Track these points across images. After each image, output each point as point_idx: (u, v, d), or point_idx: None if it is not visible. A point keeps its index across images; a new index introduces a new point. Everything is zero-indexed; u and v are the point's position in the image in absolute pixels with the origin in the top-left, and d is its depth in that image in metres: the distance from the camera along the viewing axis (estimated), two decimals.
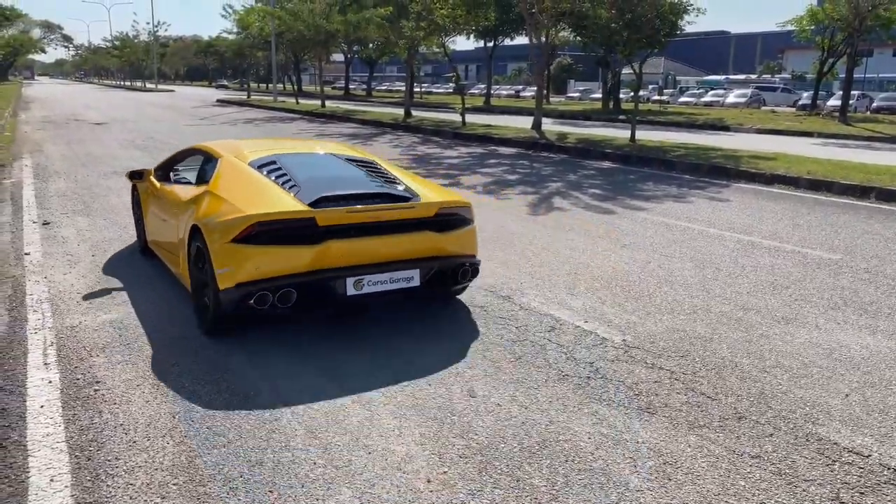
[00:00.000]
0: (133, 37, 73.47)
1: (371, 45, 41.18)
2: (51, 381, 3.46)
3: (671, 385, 3.53)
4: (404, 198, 4.29)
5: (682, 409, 3.28)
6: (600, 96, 38.97)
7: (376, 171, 4.80)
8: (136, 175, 5.85)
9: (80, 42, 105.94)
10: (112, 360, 3.74)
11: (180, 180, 5.40)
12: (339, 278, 3.87)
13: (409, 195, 4.35)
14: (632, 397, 3.39)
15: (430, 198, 4.37)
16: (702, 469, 2.77)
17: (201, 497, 2.56)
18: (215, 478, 2.67)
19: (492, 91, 43.63)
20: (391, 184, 4.52)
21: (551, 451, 2.89)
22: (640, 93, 22.91)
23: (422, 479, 2.68)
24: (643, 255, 6.13)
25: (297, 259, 3.81)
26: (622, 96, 34.97)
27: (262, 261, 3.77)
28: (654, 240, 6.73)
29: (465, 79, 64.50)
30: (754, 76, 55.63)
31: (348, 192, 4.17)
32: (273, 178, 4.30)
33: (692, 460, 2.83)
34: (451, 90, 58.95)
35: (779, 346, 4.04)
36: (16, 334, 4.07)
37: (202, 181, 4.72)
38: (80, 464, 2.75)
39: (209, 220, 3.99)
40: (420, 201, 4.27)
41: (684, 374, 3.66)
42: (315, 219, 3.87)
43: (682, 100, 43.84)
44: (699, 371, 3.70)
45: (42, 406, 3.21)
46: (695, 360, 3.83)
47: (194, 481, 2.65)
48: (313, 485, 2.64)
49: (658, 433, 3.05)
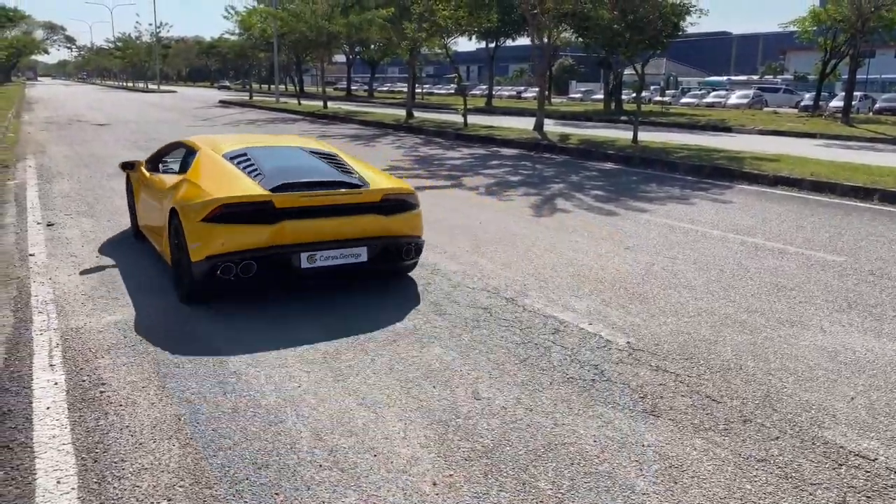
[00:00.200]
0: (135, 38, 73.65)
1: (373, 47, 41.21)
2: (56, 383, 3.47)
3: (676, 388, 3.53)
4: (356, 185, 4.87)
5: (688, 411, 3.28)
6: (602, 97, 38.97)
7: (335, 162, 5.33)
8: (129, 166, 6.52)
9: (82, 43, 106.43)
10: (117, 361, 3.75)
11: (167, 170, 5.95)
12: (294, 253, 4.45)
13: (361, 183, 4.93)
14: (637, 400, 3.39)
15: (378, 185, 4.95)
16: (708, 472, 2.77)
17: (207, 500, 2.56)
18: (221, 480, 2.68)
19: (493, 92, 43.63)
20: (346, 173, 5.09)
21: (557, 454, 2.89)
22: (642, 94, 22.90)
23: (427, 482, 2.68)
24: (646, 256, 6.13)
25: (257, 236, 4.41)
26: (624, 97, 34.95)
27: (227, 237, 4.37)
28: (658, 242, 6.73)
29: (467, 79, 64.51)
30: (756, 77, 55.59)
31: (306, 180, 4.76)
32: (242, 168, 4.92)
33: (698, 463, 2.83)
34: (453, 91, 58.96)
35: (784, 349, 4.03)
36: (21, 336, 4.08)
37: (183, 170, 5.30)
38: (86, 466, 2.76)
39: (184, 203, 4.60)
40: (368, 188, 4.87)
41: (689, 376, 3.66)
42: (273, 202, 4.47)
43: (684, 101, 43.84)
44: (704, 374, 3.70)
45: (48, 408, 3.21)
46: (699, 363, 3.83)
47: (200, 483, 2.65)
48: (319, 487, 2.64)
49: (663, 436, 3.05)
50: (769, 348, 4.05)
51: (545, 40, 19.80)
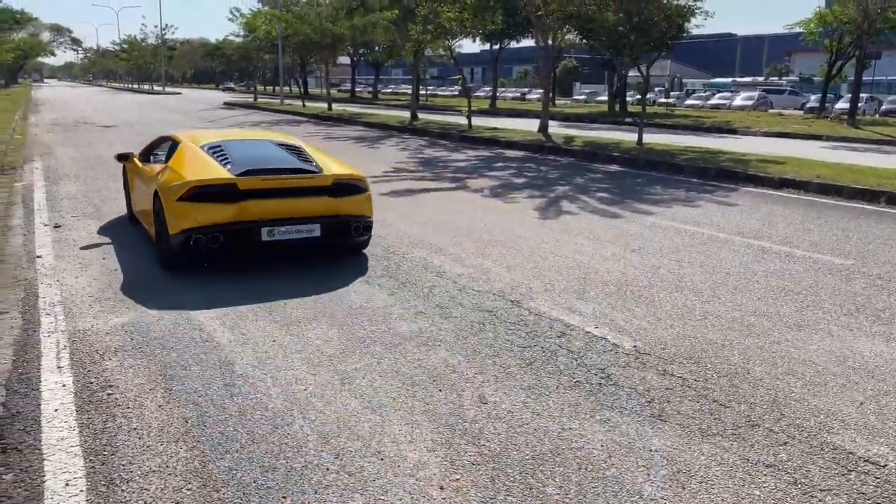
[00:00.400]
0: (141, 40, 73.87)
1: (377, 49, 41.26)
2: (64, 385, 3.48)
3: (683, 392, 3.52)
4: (312, 171, 5.66)
5: (695, 416, 3.27)
6: (606, 99, 38.93)
7: (297, 152, 6.15)
8: (123, 157, 7.33)
9: (88, 45, 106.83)
10: (124, 364, 3.76)
11: (157, 161, 6.59)
12: (256, 228, 5.24)
13: (316, 170, 5.72)
14: (644, 404, 3.38)
15: (331, 171, 5.73)
16: (716, 478, 2.76)
17: (215, 503, 2.56)
18: (229, 483, 2.68)
19: (497, 93, 43.63)
20: (305, 161, 5.90)
21: (564, 459, 2.88)
22: (646, 96, 22.87)
23: (434, 486, 2.68)
24: (652, 259, 6.12)
25: (223, 213, 5.18)
26: (628, 99, 34.91)
27: (198, 213, 5.16)
28: (663, 244, 6.71)
29: (471, 81, 64.53)
30: (761, 79, 55.44)
31: (268, 167, 5.59)
32: (215, 157, 5.72)
33: (706, 469, 2.82)
34: (457, 93, 59.00)
35: (791, 353, 4.02)
36: (29, 337, 4.09)
37: (167, 160, 6.06)
38: (94, 468, 2.76)
39: (164, 186, 5.42)
40: (321, 173, 5.64)
41: (696, 380, 3.65)
42: (237, 184, 5.27)
43: (689, 102, 43.76)
44: (711, 378, 3.68)
45: (56, 410, 3.22)
46: (706, 367, 3.82)
47: (208, 486, 2.66)
48: (326, 491, 2.64)
49: (671, 441, 3.04)
50: (777, 352, 4.03)
51: (549, 42, 19.80)
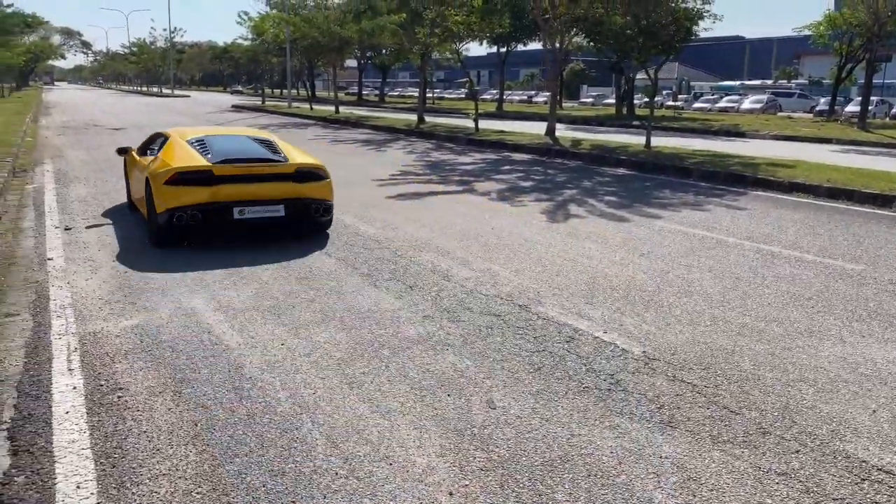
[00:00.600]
0: (150, 43, 74.42)
1: (384, 52, 41.37)
2: (75, 387, 3.50)
3: (693, 398, 3.50)
4: (278, 161, 6.63)
5: (706, 423, 3.25)
6: (613, 102, 38.86)
7: (268, 145, 7.10)
8: (123, 151, 8.43)
9: (98, 48, 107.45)
10: (134, 366, 3.77)
11: (152, 154, 7.33)
12: (229, 208, 6.21)
13: (282, 159, 6.68)
14: (654, 411, 3.36)
15: (294, 161, 6.70)
16: (727, 486, 2.74)
17: None
18: (238, 487, 2.68)
19: (504, 96, 43.63)
20: (274, 153, 6.85)
21: (573, 466, 2.87)
22: (654, 98, 22.80)
23: (444, 492, 2.67)
24: (661, 264, 6.09)
25: (201, 195, 6.16)
26: (636, 102, 34.83)
27: (180, 195, 6.13)
28: (672, 249, 6.69)
29: (478, 84, 64.56)
30: (770, 82, 55.21)
31: (241, 157, 6.55)
32: (197, 149, 6.70)
33: (717, 476, 2.80)
34: (464, 95, 59.02)
35: (802, 360, 3.99)
36: (41, 340, 4.12)
37: (158, 152, 7.03)
38: (105, 471, 2.77)
39: (153, 172, 6.41)
40: (286, 162, 6.61)
41: (706, 387, 3.63)
42: (212, 170, 6.25)
43: (697, 105, 43.61)
44: (721, 384, 3.66)
45: (67, 412, 3.24)
46: (716, 373, 3.79)
47: (217, 490, 2.66)
48: (335, 496, 2.64)
49: (681, 448, 3.02)
50: (787, 359, 4.00)
51: (557, 45, 19.79)
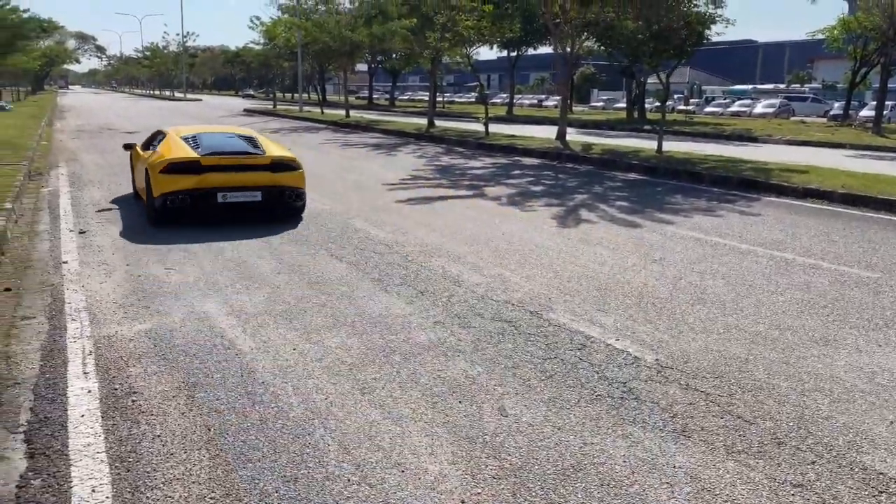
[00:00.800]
0: (163, 47, 75.21)
1: (395, 56, 41.53)
2: (90, 391, 3.53)
3: (707, 407, 3.47)
4: (257, 153, 7.86)
5: (719, 432, 3.22)
6: (624, 106, 38.76)
7: (250, 140, 8.36)
8: (129, 146, 9.83)
9: (112, 52, 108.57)
10: (148, 370, 3.80)
11: (153, 148, 8.41)
12: (213, 193, 7.34)
13: (260, 152, 7.89)
14: (667, 419, 3.34)
15: (271, 153, 7.88)
16: (742, 497, 2.71)
17: None
18: (251, 492, 2.69)
19: (514, 100, 43.62)
20: (254, 147, 8.07)
21: (586, 475, 2.85)
22: (666, 103, 22.70)
23: (456, 500, 2.67)
24: (673, 270, 6.06)
25: (190, 181, 7.32)
26: (646, 106, 34.73)
27: (172, 182, 7.31)
28: (685, 255, 6.65)
29: (488, 88, 64.61)
30: (783, 86, 54.83)
31: (225, 150, 7.80)
32: (189, 143, 7.91)
33: (731, 487, 2.78)
34: (474, 99, 59.09)
35: (818, 369, 3.95)
36: (56, 343, 4.15)
37: (157, 146, 8.23)
38: (119, 475, 2.79)
39: (151, 163, 7.62)
40: (263, 155, 7.82)
41: (720, 396, 3.60)
42: (199, 161, 7.43)
43: (708, 109, 43.42)
44: (735, 393, 3.63)
45: (82, 415, 3.27)
46: (730, 382, 3.76)
47: (231, 496, 2.67)
48: (348, 503, 2.64)
49: (695, 458, 3.00)
50: (802, 368, 3.96)
51: (567, 49, 19.77)
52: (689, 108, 43.13)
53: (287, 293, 5.23)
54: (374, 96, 57.61)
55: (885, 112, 27.71)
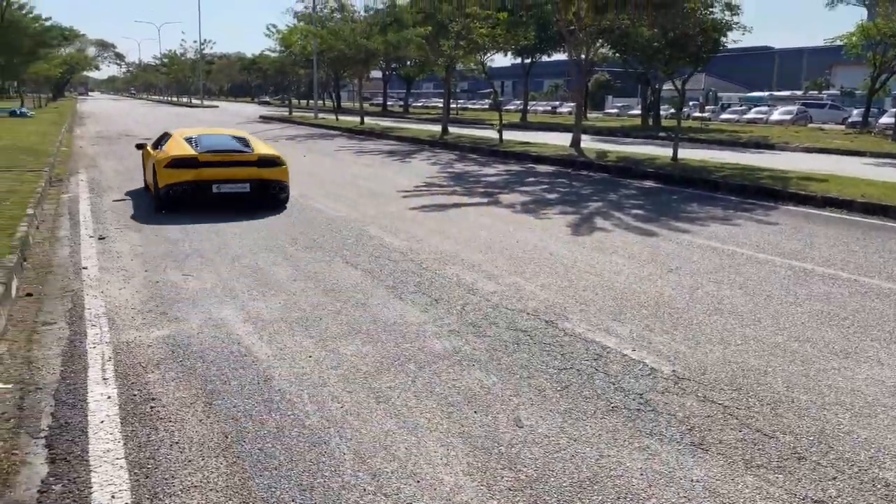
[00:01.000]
0: (181, 54, 76.13)
1: (410, 63, 41.73)
2: (109, 397, 3.57)
3: (725, 420, 3.44)
4: (246, 151, 9.31)
5: (738, 446, 3.19)
6: (639, 112, 38.59)
7: (242, 140, 9.87)
8: (140, 146, 11.31)
9: (131, 60, 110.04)
10: (166, 377, 3.84)
11: (160, 147, 9.81)
12: (209, 184, 8.76)
13: (250, 150, 9.33)
14: (684, 432, 3.31)
15: (258, 151, 9.31)
16: None
17: None
18: (268, 501, 2.70)
19: (528, 107, 43.60)
20: (245, 146, 9.55)
21: (602, 487, 2.83)
22: (682, 110, 22.56)
23: None
24: (690, 280, 6.01)
25: (189, 174, 8.73)
26: (662, 112, 34.56)
27: (174, 174, 8.73)
28: (701, 264, 6.60)
29: (502, 95, 64.65)
30: (800, 92, 54.30)
31: (220, 149, 9.27)
32: (189, 143, 9.37)
33: (750, 502, 2.74)
34: (488, 106, 59.13)
35: (838, 382, 3.89)
36: (76, 349, 4.21)
37: (163, 145, 9.79)
38: (139, 481, 2.82)
39: (158, 159, 9.06)
40: (251, 152, 9.25)
41: (738, 408, 3.56)
42: (197, 157, 8.85)
43: (724, 116, 43.07)
44: (754, 406, 3.59)
45: (102, 421, 3.30)
46: (749, 395, 3.72)
47: None
48: None
49: (713, 471, 2.97)
50: (822, 381, 3.91)
51: (582, 56, 19.75)
52: (705, 115, 42.88)
53: (303, 300, 5.26)
54: (388, 103, 57.89)
55: None
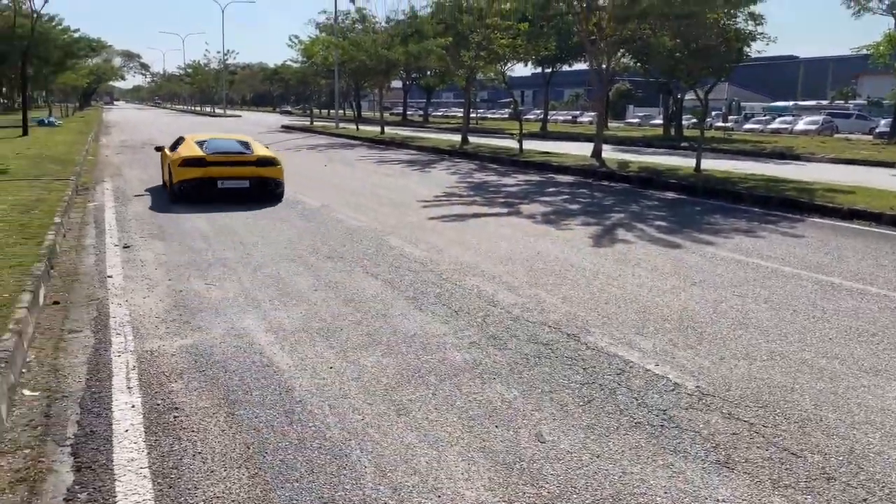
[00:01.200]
0: (204, 65, 77.42)
1: (430, 73, 41.98)
2: (133, 406, 3.61)
3: (751, 438, 3.37)
4: (247, 153, 10.99)
5: (764, 465, 3.12)
6: (661, 122, 38.30)
7: (245, 143, 11.58)
8: (159, 149, 13.04)
9: (156, 70, 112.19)
10: (189, 386, 3.87)
11: (175, 150, 11.59)
12: (214, 180, 10.41)
13: (250, 152, 11.03)
14: (709, 450, 3.25)
15: (257, 153, 11.00)
16: None
17: None
18: None
19: (548, 116, 43.55)
20: (247, 148, 11.26)
21: None
22: (704, 120, 22.33)
23: None
24: (714, 293, 5.93)
25: (198, 172, 10.41)
26: (684, 122, 34.29)
27: (186, 172, 10.44)
28: (725, 277, 6.50)
29: (522, 104, 64.68)
30: (826, 102, 53.51)
31: (225, 150, 11.03)
32: (199, 145, 11.08)
33: None
34: (507, 115, 59.20)
35: (868, 401, 3.80)
36: (101, 357, 4.27)
37: (178, 148, 11.50)
38: (162, 491, 2.84)
39: (172, 160, 10.80)
40: (252, 154, 10.95)
41: (764, 426, 3.49)
42: (205, 158, 10.57)
43: (748, 126, 42.59)
44: (781, 424, 3.52)
45: (126, 430, 3.34)
46: (775, 412, 3.65)
47: None
48: None
49: (739, 491, 2.91)
50: (851, 399, 3.82)
51: (603, 66, 19.69)
52: (728, 125, 42.42)
53: (324, 310, 5.29)
54: (408, 112, 58.24)
55: None
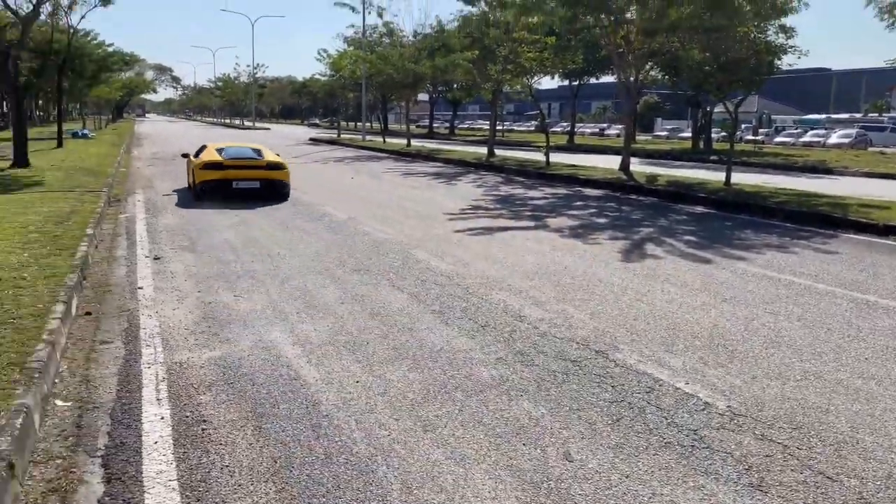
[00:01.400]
0: (234, 78, 79.07)
1: (456, 87, 42.22)
2: (163, 418, 3.66)
3: (784, 461, 3.28)
4: (259, 158, 13.33)
5: (799, 489, 3.03)
6: (689, 135, 37.90)
7: (257, 150, 13.81)
8: (185, 155, 14.86)
9: (187, 83, 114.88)
10: (217, 399, 3.91)
11: (198, 156, 13.53)
12: (230, 181, 12.53)
13: (261, 157, 13.32)
14: (741, 472, 3.17)
15: (267, 159, 13.26)
16: None
17: None
18: None
19: (575, 129, 43.41)
20: (259, 154, 13.51)
21: None
22: (735, 133, 22.01)
23: None
24: (746, 310, 5.81)
25: (217, 174, 12.54)
26: (713, 135, 33.87)
27: (207, 174, 12.57)
28: (757, 294, 6.37)
29: (548, 116, 64.66)
30: (859, 115, 52.39)
31: (239, 156, 13.36)
32: (218, 152, 13.29)
33: None
34: (534, 128, 59.17)
35: None
36: (131, 368, 4.35)
37: (200, 154, 13.67)
38: None
39: (195, 164, 13.05)
40: (263, 159, 13.24)
41: (798, 448, 3.40)
42: (223, 162, 12.77)
43: (779, 140, 41.91)
44: (815, 446, 3.42)
45: (156, 442, 3.38)
46: (810, 434, 3.55)
47: None
48: None
49: None
50: (889, 421, 3.70)
51: (631, 79, 19.57)
52: (758, 138, 41.76)
53: (350, 323, 5.31)
54: (434, 125, 58.61)
55: None
